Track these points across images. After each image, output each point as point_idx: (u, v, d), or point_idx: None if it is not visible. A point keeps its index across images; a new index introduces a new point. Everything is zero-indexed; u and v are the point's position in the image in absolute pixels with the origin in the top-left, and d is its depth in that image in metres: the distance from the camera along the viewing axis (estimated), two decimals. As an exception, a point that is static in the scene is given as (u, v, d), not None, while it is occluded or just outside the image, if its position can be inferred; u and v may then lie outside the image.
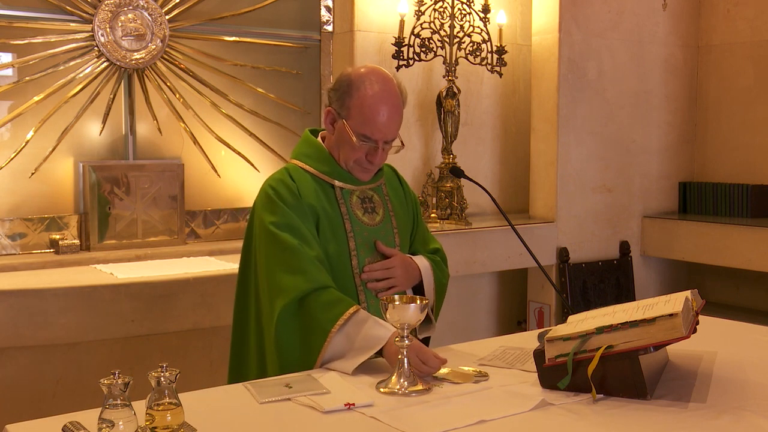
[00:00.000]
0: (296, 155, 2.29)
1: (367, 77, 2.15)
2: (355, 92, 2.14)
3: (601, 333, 1.79)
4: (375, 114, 2.13)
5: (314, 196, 2.18)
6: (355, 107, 2.14)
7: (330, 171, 2.22)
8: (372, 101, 2.13)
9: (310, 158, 2.24)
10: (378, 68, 2.22)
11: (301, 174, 2.21)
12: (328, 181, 2.22)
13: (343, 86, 2.17)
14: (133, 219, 3.60)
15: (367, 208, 2.26)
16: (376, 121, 2.13)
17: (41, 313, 2.88)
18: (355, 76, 2.16)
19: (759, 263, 4.22)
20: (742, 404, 1.75)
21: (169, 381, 1.52)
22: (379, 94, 2.13)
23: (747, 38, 4.73)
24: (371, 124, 2.13)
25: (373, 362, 2.08)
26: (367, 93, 2.13)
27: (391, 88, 2.17)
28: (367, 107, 2.12)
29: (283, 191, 2.15)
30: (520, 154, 4.60)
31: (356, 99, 2.13)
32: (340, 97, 2.17)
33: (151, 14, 3.63)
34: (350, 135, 2.15)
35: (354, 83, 2.15)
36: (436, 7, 3.97)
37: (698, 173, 5.00)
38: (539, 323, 4.39)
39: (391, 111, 2.15)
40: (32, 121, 3.44)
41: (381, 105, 2.13)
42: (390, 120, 2.15)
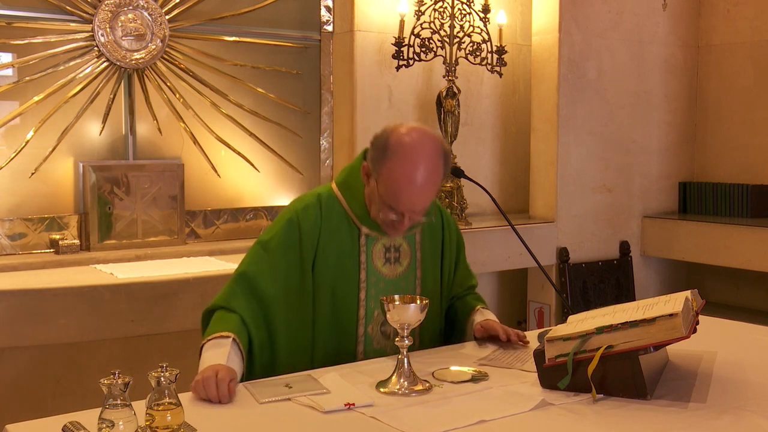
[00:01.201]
0: (340, 183, 2.19)
1: (405, 148, 1.98)
2: (388, 161, 1.99)
3: (601, 333, 1.79)
4: (402, 189, 1.98)
5: (337, 236, 2.12)
6: (384, 175, 2.00)
7: (361, 215, 2.13)
8: (400, 176, 1.98)
9: (350, 192, 2.14)
10: (419, 134, 2.02)
11: (334, 204, 2.14)
12: (357, 224, 2.13)
13: (380, 146, 2.02)
14: (133, 219, 3.60)
15: (390, 258, 2.18)
16: (402, 196, 1.99)
17: (41, 313, 2.88)
18: (393, 141, 2.00)
19: (759, 263, 4.22)
20: (742, 404, 1.75)
21: (169, 381, 1.52)
22: (410, 166, 1.97)
23: (747, 38, 4.73)
24: (396, 198, 2.00)
25: (373, 362, 2.09)
26: (398, 165, 1.98)
27: (428, 157, 1.99)
28: (395, 182, 1.98)
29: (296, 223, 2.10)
30: (520, 154, 4.60)
31: (387, 168, 1.99)
32: (375, 156, 2.03)
33: (151, 14, 3.63)
34: (377, 199, 2.05)
35: (390, 149, 1.99)
36: (436, 7, 3.97)
37: (698, 173, 5.00)
38: (539, 323, 4.39)
39: (422, 185, 1.99)
40: (32, 121, 3.44)
41: (410, 179, 1.97)
42: (418, 197, 2.01)
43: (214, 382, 1.76)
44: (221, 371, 1.81)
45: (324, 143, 4.13)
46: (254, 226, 3.96)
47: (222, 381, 1.77)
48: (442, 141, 2.06)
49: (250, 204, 3.97)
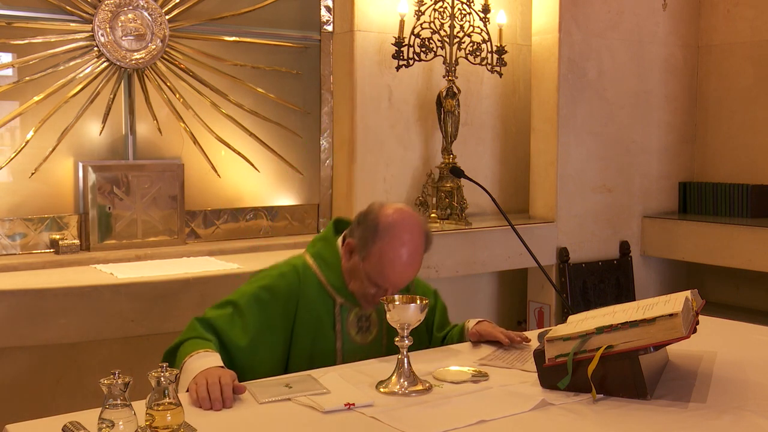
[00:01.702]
0: (314, 255, 2.25)
1: (394, 229, 2.09)
2: (379, 241, 2.08)
3: (601, 333, 1.79)
4: (391, 268, 2.09)
5: (314, 303, 2.18)
6: (373, 255, 2.09)
7: (337, 286, 2.20)
8: (390, 257, 2.08)
9: (325, 265, 2.21)
10: (406, 216, 2.14)
11: (310, 278, 2.20)
12: (332, 295, 2.20)
13: (369, 227, 2.11)
14: (133, 219, 3.60)
15: (362, 326, 2.25)
16: (390, 275, 2.10)
17: (41, 313, 2.88)
18: (383, 223, 2.10)
19: (759, 263, 4.22)
20: (742, 404, 1.75)
21: (169, 381, 1.52)
22: (400, 248, 2.08)
23: (747, 38, 4.73)
24: (384, 277, 2.10)
25: (374, 362, 2.09)
26: (389, 246, 2.08)
27: (415, 239, 2.11)
28: (385, 262, 2.08)
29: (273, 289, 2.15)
30: (520, 154, 4.60)
31: (377, 249, 2.08)
32: (363, 236, 2.12)
33: (151, 14, 3.63)
34: (362, 276, 2.13)
35: (380, 230, 2.09)
36: (436, 7, 3.97)
37: (698, 173, 5.00)
38: (539, 323, 4.39)
39: (409, 264, 2.11)
40: (32, 121, 3.44)
41: (399, 259, 2.09)
42: (405, 273, 2.12)
43: (219, 386, 1.75)
44: (224, 375, 1.79)
45: (324, 143, 4.13)
46: (254, 226, 3.96)
47: (227, 385, 1.76)
48: (424, 221, 2.22)
49: (250, 204, 3.97)
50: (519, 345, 2.25)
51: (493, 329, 2.29)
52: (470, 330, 2.32)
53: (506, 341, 2.24)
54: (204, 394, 1.73)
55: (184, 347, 2.01)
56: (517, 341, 2.25)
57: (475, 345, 2.28)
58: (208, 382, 1.75)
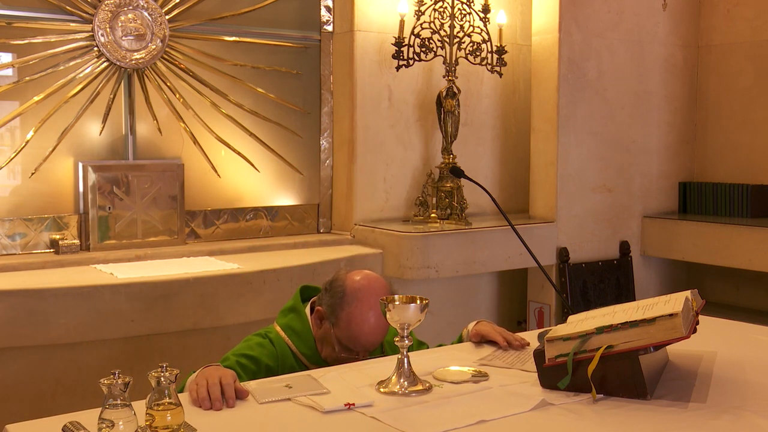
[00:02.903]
0: (284, 327, 2.27)
1: (361, 293, 2.15)
2: (347, 307, 2.14)
3: (601, 333, 1.79)
4: (360, 332, 2.14)
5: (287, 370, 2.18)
6: (342, 320, 2.15)
7: (309, 356, 2.23)
8: (360, 320, 2.13)
9: (296, 336, 2.24)
10: (374, 281, 2.20)
11: (283, 347, 2.22)
12: (304, 362, 2.22)
13: (337, 294, 2.17)
14: (133, 219, 3.60)
15: None
16: (360, 338, 2.15)
17: (41, 313, 2.88)
18: (350, 289, 2.16)
19: (759, 263, 4.22)
20: (742, 404, 1.75)
21: (169, 381, 1.52)
22: (367, 312, 2.14)
23: (747, 38, 4.73)
24: (355, 341, 2.15)
25: (373, 362, 2.09)
26: (356, 311, 2.13)
27: (377, 307, 2.12)
28: (355, 325, 2.14)
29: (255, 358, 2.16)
30: (520, 154, 4.60)
31: (345, 314, 2.14)
32: (331, 303, 2.17)
33: (151, 14, 3.63)
34: (333, 341, 2.17)
35: (347, 296, 2.15)
36: (436, 7, 3.97)
37: (698, 173, 5.00)
38: (539, 323, 4.39)
39: (377, 327, 2.15)
40: (32, 121, 3.44)
41: (367, 323, 2.14)
42: (374, 337, 2.17)
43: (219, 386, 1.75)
44: (225, 375, 1.79)
45: (324, 143, 4.13)
46: (254, 226, 3.96)
47: (228, 386, 1.76)
48: (390, 284, 2.26)
49: (250, 204, 3.97)
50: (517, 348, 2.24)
51: (491, 329, 2.29)
52: (471, 331, 2.31)
53: (503, 343, 2.24)
54: (204, 394, 1.73)
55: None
56: (515, 345, 2.24)
57: (475, 345, 2.28)
58: (208, 383, 1.75)
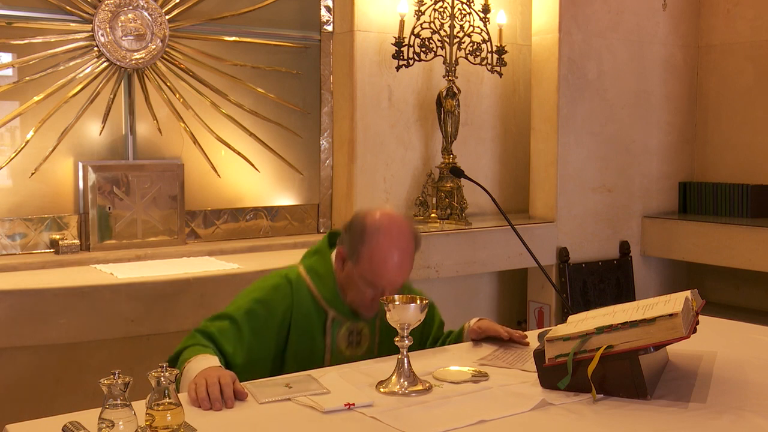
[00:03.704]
0: (308, 268, 2.26)
1: (379, 226, 2.13)
2: (367, 241, 2.12)
3: (601, 333, 1.79)
4: (383, 265, 2.11)
5: (306, 316, 2.19)
6: (364, 256, 2.12)
7: (330, 299, 2.21)
8: (382, 252, 2.11)
9: (318, 278, 2.23)
10: (393, 216, 2.19)
11: (303, 292, 2.21)
12: (325, 308, 2.21)
13: (356, 231, 2.15)
14: (133, 219, 3.60)
15: (353, 341, 2.26)
16: (383, 272, 2.12)
17: (41, 313, 2.87)
18: (369, 224, 2.14)
19: (759, 263, 4.22)
20: (742, 404, 1.75)
21: (169, 381, 1.52)
22: (389, 245, 2.12)
23: (747, 38, 4.73)
24: (379, 275, 2.12)
25: (373, 362, 2.09)
26: (378, 243, 2.11)
27: (403, 237, 2.15)
28: (377, 258, 2.11)
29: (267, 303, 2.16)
30: (520, 154, 4.60)
31: (367, 248, 2.12)
32: (352, 241, 2.15)
33: (151, 14, 3.63)
34: (357, 280, 2.15)
35: (367, 231, 2.13)
36: (436, 7, 3.97)
37: (698, 173, 5.00)
38: (539, 323, 4.39)
39: (400, 262, 2.13)
40: (32, 121, 3.44)
41: (390, 256, 2.12)
42: (399, 270, 2.14)
43: (218, 386, 1.75)
44: (223, 375, 1.79)
45: (324, 143, 4.13)
46: (254, 226, 3.96)
47: (226, 385, 1.76)
48: (411, 221, 2.27)
49: (250, 204, 3.97)
50: (518, 342, 2.25)
51: (493, 324, 2.30)
52: (471, 327, 2.31)
53: (506, 336, 2.25)
54: (203, 394, 1.73)
55: (184, 354, 2.02)
56: (516, 337, 2.26)
57: (475, 345, 2.28)
58: (207, 383, 1.75)
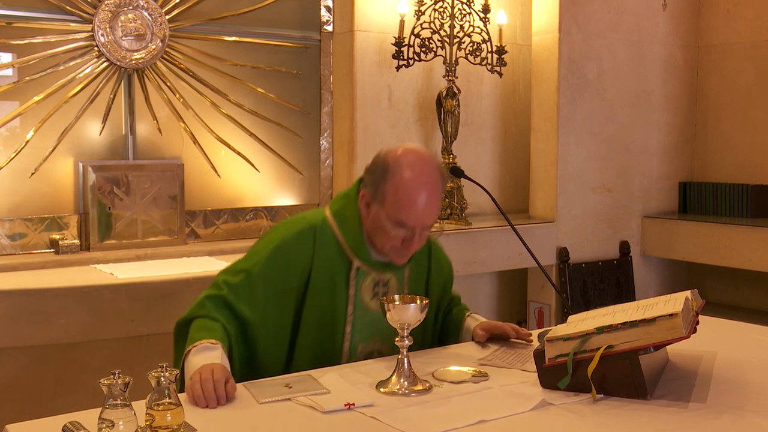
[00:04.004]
0: (335, 212, 2.15)
1: (403, 161, 2.02)
2: (390, 177, 2.01)
3: (601, 333, 1.79)
4: (411, 201, 2.00)
5: (328, 265, 2.10)
6: (389, 193, 2.01)
7: (355, 246, 2.11)
8: (408, 187, 2.00)
9: (345, 223, 2.12)
10: (415, 149, 2.08)
11: (327, 235, 2.11)
12: (349, 256, 2.12)
13: (378, 170, 2.04)
14: (133, 219, 3.60)
15: (378, 292, 2.16)
16: (411, 208, 2.00)
17: (41, 313, 2.87)
18: (391, 159, 2.03)
19: (759, 263, 4.22)
20: (742, 404, 1.75)
21: (169, 381, 1.52)
22: (415, 179, 2.01)
23: (747, 38, 4.73)
24: (407, 211, 2.00)
25: (373, 362, 2.09)
26: (403, 178, 2.00)
27: (429, 171, 2.04)
28: (403, 193, 2.00)
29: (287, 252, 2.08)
30: (520, 154, 4.60)
31: (391, 184, 2.01)
32: (375, 181, 2.05)
33: (151, 14, 3.63)
34: (384, 222, 2.03)
35: (389, 167, 2.02)
36: (436, 7, 3.97)
37: (698, 173, 5.00)
38: (539, 323, 4.39)
39: (428, 197, 2.02)
40: (32, 121, 3.44)
41: (417, 191, 2.00)
42: (427, 206, 2.02)
43: (212, 383, 1.75)
44: (216, 370, 1.79)
45: (324, 143, 4.13)
46: (254, 226, 3.96)
47: (218, 382, 1.76)
48: (435, 155, 2.13)
49: (250, 204, 3.97)
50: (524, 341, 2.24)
51: (497, 322, 2.29)
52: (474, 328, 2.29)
53: (513, 333, 2.23)
54: (199, 392, 1.74)
55: (192, 331, 2.00)
56: (522, 334, 2.24)
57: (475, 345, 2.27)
58: (201, 378, 1.76)
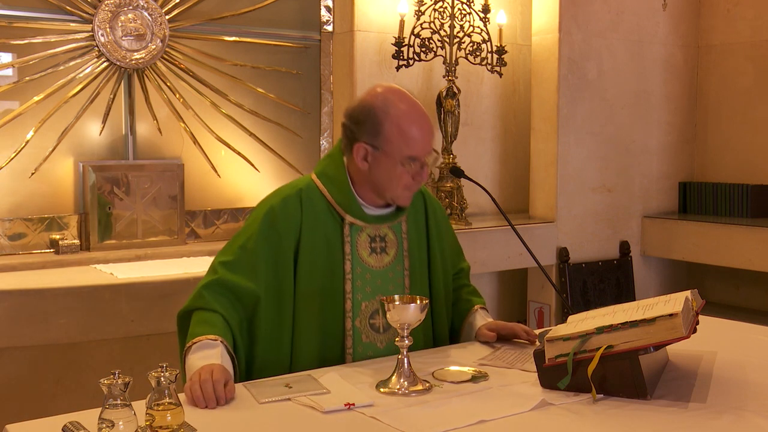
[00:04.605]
0: (320, 173, 2.15)
1: (390, 97, 2.04)
2: (387, 117, 2.02)
3: (601, 333, 1.79)
4: (416, 130, 2.03)
5: (320, 227, 2.09)
6: (393, 132, 2.01)
7: (345, 203, 2.10)
8: (409, 118, 2.02)
9: (331, 182, 2.12)
10: (388, 85, 2.10)
11: (315, 198, 2.10)
12: (340, 213, 2.10)
13: (369, 116, 2.03)
14: (133, 219, 3.60)
15: (376, 248, 2.14)
16: (419, 137, 2.03)
17: (41, 313, 2.88)
18: (379, 102, 2.04)
19: (759, 263, 4.22)
20: (742, 404, 1.75)
21: (169, 381, 1.52)
22: (411, 109, 2.04)
23: (747, 38, 4.73)
24: (415, 142, 2.02)
25: (374, 362, 2.08)
26: (401, 112, 2.02)
27: (413, 98, 2.07)
28: (407, 126, 2.01)
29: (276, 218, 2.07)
30: (520, 154, 4.60)
31: (391, 123, 2.01)
32: (371, 128, 2.03)
33: (151, 14, 3.63)
34: (394, 165, 2.03)
35: (379, 109, 2.03)
36: (436, 7, 3.97)
37: (698, 173, 5.00)
38: (539, 323, 4.39)
39: (427, 121, 2.06)
40: (32, 121, 3.44)
41: (418, 119, 2.04)
42: (429, 131, 2.06)
43: (211, 384, 1.75)
44: (216, 371, 1.79)
45: (324, 143, 4.13)
46: (254, 226, 3.96)
47: (217, 382, 1.75)
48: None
49: (250, 204, 3.97)
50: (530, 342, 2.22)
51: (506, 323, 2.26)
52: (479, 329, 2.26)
53: (524, 336, 2.21)
54: (198, 393, 1.74)
55: (192, 326, 1.99)
56: (533, 337, 2.22)
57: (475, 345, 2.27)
58: (201, 379, 1.76)
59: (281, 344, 2.06)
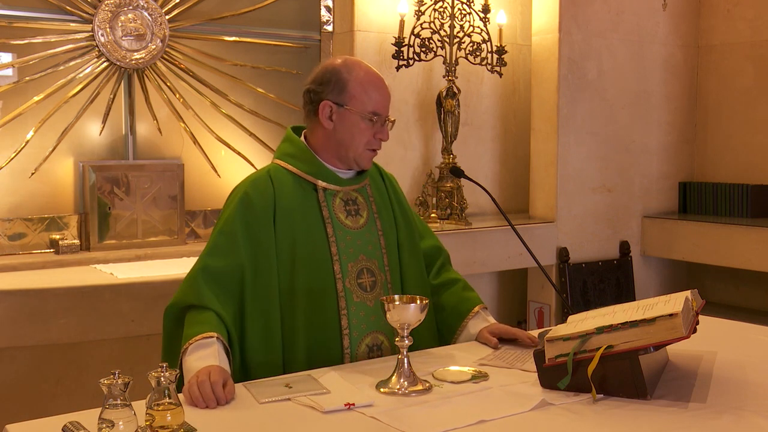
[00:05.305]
0: (280, 155, 2.26)
1: (351, 62, 2.21)
2: (351, 77, 2.17)
3: (601, 333, 1.79)
4: (378, 88, 2.18)
5: (294, 198, 2.16)
6: (357, 89, 2.16)
7: (314, 171, 2.19)
8: (370, 78, 2.18)
9: (294, 158, 2.22)
10: (344, 56, 2.28)
11: (283, 175, 2.19)
12: (312, 181, 2.19)
13: (333, 77, 2.17)
14: (133, 219, 3.60)
15: (351, 210, 2.23)
16: (380, 93, 2.18)
17: (41, 313, 2.88)
18: (341, 66, 2.19)
19: (759, 263, 4.22)
20: (742, 404, 1.75)
21: (169, 381, 1.52)
22: (370, 71, 2.21)
23: (747, 38, 4.73)
24: (377, 97, 2.17)
25: (374, 362, 2.09)
26: (363, 71, 2.19)
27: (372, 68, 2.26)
28: (369, 83, 2.17)
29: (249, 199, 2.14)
30: (520, 154, 4.60)
31: (354, 82, 2.16)
32: (335, 87, 2.17)
33: (151, 14, 3.63)
34: (358, 121, 2.16)
35: (343, 70, 2.18)
36: (436, 7, 3.97)
37: (698, 173, 5.00)
38: (539, 323, 4.39)
39: (386, 87, 2.22)
40: (32, 121, 3.44)
41: (379, 79, 2.21)
42: (388, 95, 2.22)
43: (209, 385, 1.75)
44: (213, 373, 1.79)
45: (324, 143, 4.13)
46: (254, 226, 3.96)
47: (215, 384, 1.76)
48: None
49: (250, 204, 3.96)
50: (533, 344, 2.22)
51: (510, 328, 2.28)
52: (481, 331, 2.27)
53: (528, 340, 2.21)
54: (197, 394, 1.74)
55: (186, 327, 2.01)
56: (535, 340, 2.22)
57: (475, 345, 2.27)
58: (198, 381, 1.76)
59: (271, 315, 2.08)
